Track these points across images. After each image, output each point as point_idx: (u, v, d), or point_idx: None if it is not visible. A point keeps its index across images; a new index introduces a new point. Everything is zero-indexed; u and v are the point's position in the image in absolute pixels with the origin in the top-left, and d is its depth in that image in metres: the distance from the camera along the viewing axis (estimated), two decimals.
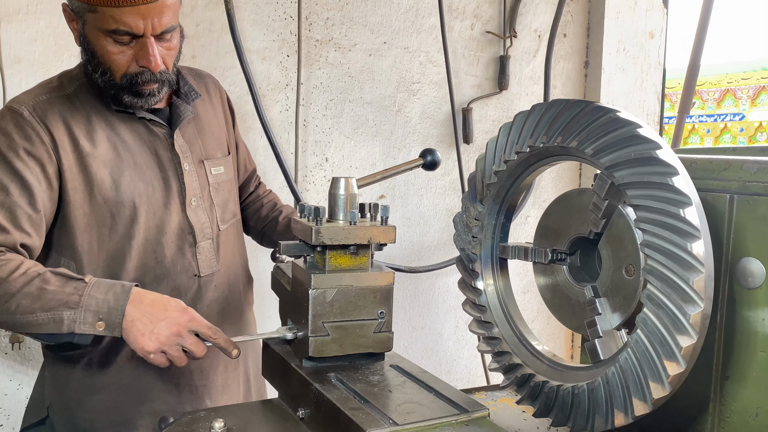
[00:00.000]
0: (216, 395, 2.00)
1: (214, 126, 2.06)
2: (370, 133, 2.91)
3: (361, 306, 1.47)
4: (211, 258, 1.96)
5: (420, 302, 3.20)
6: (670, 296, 1.12)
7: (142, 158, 1.84)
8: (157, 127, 1.88)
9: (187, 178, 1.90)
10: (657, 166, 1.15)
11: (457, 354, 3.35)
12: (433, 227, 3.18)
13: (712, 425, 1.38)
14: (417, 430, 1.18)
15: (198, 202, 1.93)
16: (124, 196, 1.79)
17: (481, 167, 1.56)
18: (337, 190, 1.51)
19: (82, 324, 1.55)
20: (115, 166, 1.79)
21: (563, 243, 1.45)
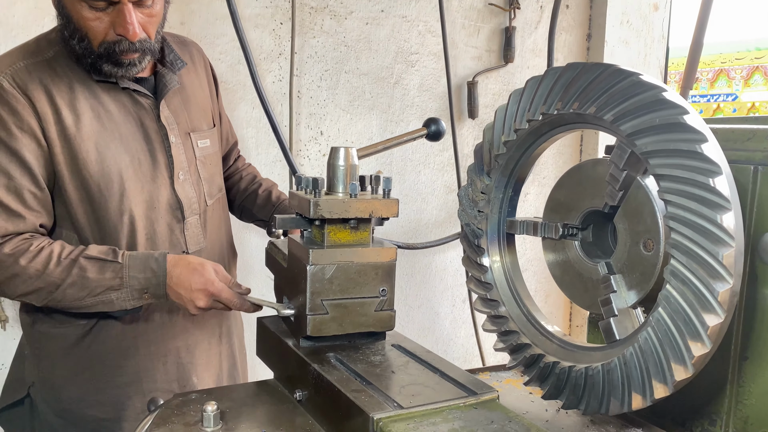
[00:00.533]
0: (202, 371, 1.95)
1: (200, 96, 1.96)
2: (366, 105, 2.80)
3: (362, 283, 1.39)
4: (198, 234, 1.89)
5: (417, 280, 3.13)
6: (697, 272, 1.04)
7: (127, 130, 1.74)
8: (142, 97, 1.78)
9: (174, 150, 1.82)
10: (684, 132, 1.06)
11: (454, 333, 3.29)
12: (431, 204, 3.10)
13: (729, 407, 1.32)
14: (423, 414, 1.11)
15: (185, 176, 1.84)
16: (111, 169, 1.70)
17: (489, 137, 1.47)
18: (337, 160, 1.42)
19: (131, 300, 1.65)
20: (101, 139, 1.69)
21: (575, 217, 1.38)
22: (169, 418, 1.28)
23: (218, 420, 1.24)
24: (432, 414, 1.11)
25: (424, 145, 3.03)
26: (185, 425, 1.25)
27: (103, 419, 1.81)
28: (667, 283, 1.09)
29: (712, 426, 1.35)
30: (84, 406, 1.80)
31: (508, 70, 3.15)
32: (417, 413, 1.11)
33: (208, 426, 1.23)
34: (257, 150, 2.59)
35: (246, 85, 2.53)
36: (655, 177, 1.12)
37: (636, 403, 1.14)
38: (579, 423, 1.33)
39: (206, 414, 1.23)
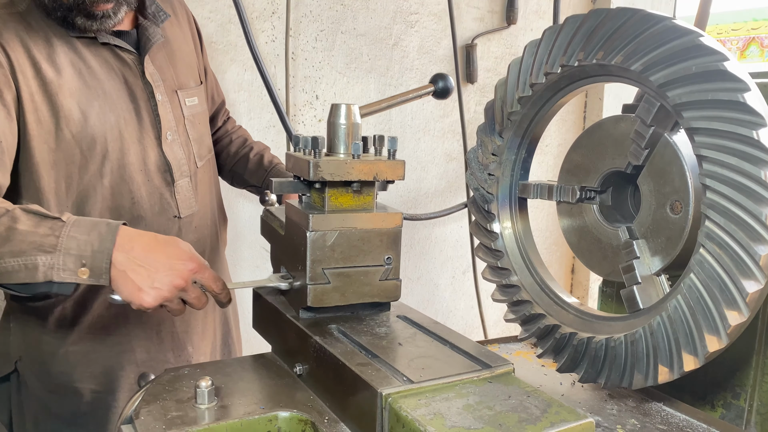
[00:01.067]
0: (197, 340, 1.87)
1: (185, 51, 1.84)
2: (364, 68, 2.68)
3: (366, 251, 1.30)
4: (189, 197, 1.78)
5: (416, 252, 3.05)
6: (736, 234, 0.96)
7: (110, 87, 1.63)
8: (124, 52, 1.66)
9: (161, 109, 1.71)
10: (724, 81, 0.97)
11: (454, 305, 3.22)
12: (431, 173, 3.00)
13: (755, 380, 1.26)
14: (435, 389, 1.03)
15: (174, 136, 1.74)
16: (94, 129, 1.59)
17: (501, 93, 1.37)
18: (338, 118, 1.31)
19: (62, 270, 1.29)
20: (83, 96, 1.58)
21: (594, 179, 1.30)
22: (160, 395, 1.19)
23: (213, 396, 1.16)
24: (444, 389, 1.03)
25: (423, 111, 2.92)
26: (177, 402, 1.17)
27: (96, 391, 1.73)
28: (701, 246, 1.01)
29: (736, 399, 1.28)
30: (75, 380, 1.72)
31: (510, 32, 3.03)
32: (428, 388, 1.02)
33: (202, 403, 1.15)
34: (249, 114, 2.47)
35: (237, 46, 2.40)
36: (688, 132, 1.03)
37: (662, 377, 1.07)
38: (596, 397, 1.26)
39: (200, 390, 1.15)
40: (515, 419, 0.94)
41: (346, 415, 1.11)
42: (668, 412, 1.20)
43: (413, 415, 0.94)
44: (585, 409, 1.20)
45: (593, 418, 1.16)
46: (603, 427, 1.13)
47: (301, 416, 1.14)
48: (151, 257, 1.31)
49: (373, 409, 1.01)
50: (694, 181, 1.08)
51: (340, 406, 1.13)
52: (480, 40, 2.96)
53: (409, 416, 0.94)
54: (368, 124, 2.75)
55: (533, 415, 0.95)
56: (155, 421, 1.09)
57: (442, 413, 0.95)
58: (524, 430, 0.91)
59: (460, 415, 0.94)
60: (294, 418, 1.14)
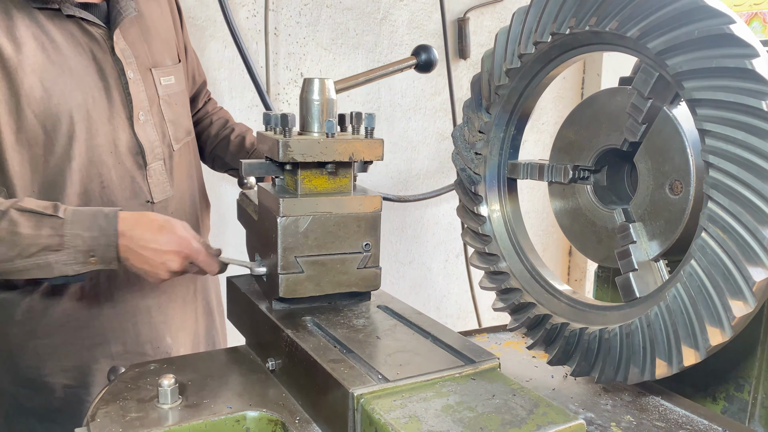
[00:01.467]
0: (177, 331, 1.79)
1: (161, 27, 1.74)
2: (350, 44, 2.56)
3: (342, 237, 1.21)
4: (164, 182, 1.69)
5: (408, 235, 2.96)
6: (742, 217, 0.88)
7: (77, 63, 1.53)
8: (92, 26, 1.56)
9: (132, 88, 1.61)
10: (730, 46, 0.87)
11: (447, 290, 3.14)
12: (422, 153, 2.89)
13: (759, 372, 1.19)
14: (413, 387, 0.95)
15: (147, 116, 1.64)
16: (59, 108, 1.49)
17: (488, 66, 1.28)
18: (311, 94, 1.22)
19: (73, 264, 1.37)
20: (46, 72, 1.48)
21: (588, 158, 1.22)
22: (121, 393, 1.11)
23: (176, 395, 1.08)
24: (423, 387, 0.95)
25: (414, 89, 2.81)
26: (139, 401, 1.09)
27: (69, 386, 1.66)
28: (703, 230, 0.92)
29: (739, 392, 1.21)
30: (46, 374, 1.65)
31: (504, 5, 2.90)
32: (405, 387, 0.94)
33: (164, 402, 1.07)
34: (231, 94, 2.37)
35: (217, 21, 2.28)
36: (690, 104, 0.94)
37: (660, 371, 1.00)
38: (589, 391, 1.18)
39: (162, 389, 1.07)
40: (498, 422, 0.86)
41: (318, 416, 1.03)
42: (667, 407, 1.12)
43: (386, 418, 0.86)
44: (577, 404, 1.12)
45: (585, 415, 1.09)
46: (596, 425, 1.05)
47: (271, 416, 1.06)
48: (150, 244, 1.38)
49: (345, 411, 0.93)
50: (695, 158, 1.00)
51: (312, 406, 1.05)
52: (473, 14, 2.84)
53: (381, 419, 0.86)
54: (355, 103, 2.65)
55: (518, 417, 0.87)
56: (112, 424, 1.01)
57: (419, 415, 0.87)
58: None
59: (438, 418, 0.86)
60: (263, 419, 1.06)
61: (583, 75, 3.25)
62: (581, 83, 3.24)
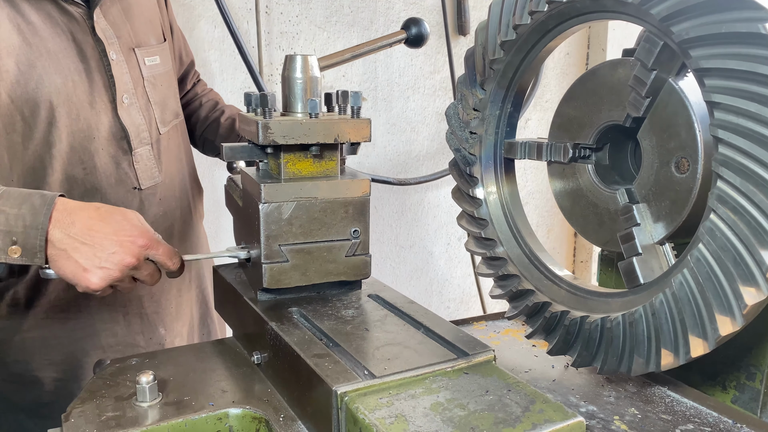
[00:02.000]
0: (170, 322, 1.74)
1: (144, 5, 1.67)
2: (345, 22, 2.48)
3: (329, 223, 1.15)
4: (151, 167, 1.63)
5: (408, 219, 2.89)
6: (754, 196, 0.81)
7: (56, 45, 1.46)
8: (71, 5, 1.49)
9: (115, 69, 1.54)
10: (741, 9, 0.80)
11: (449, 273, 3.08)
12: (422, 134, 2.82)
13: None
14: (401, 384, 0.89)
15: (131, 99, 1.58)
16: (37, 92, 1.42)
17: (482, 39, 1.20)
18: (293, 72, 1.15)
19: None
20: (23, 55, 1.39)
21: (589, 135, 1.15)
22: (98, 391, 1.07)
23: (155, 392, 1.03)
24: (412, 383, 0.89)
25: (412, 67, 2.72)
26: (116, 399, 1.04)
27: (59, 380, 1.62)
28: (712, 211, 0.86)
29: (751, 380, 1.14)
30: (34, 368, 1.60)
31: None
32: (392, 383, 0.89)
33: (143, 400, 1.02)
34: (222, 75, 2.29)
35: (205, 0, 2.21)
36: (697, 74, 0.86)
37: (666, 362, 0.94)
38: (591, 381, 1.12)
39: (140, 386, 1.02)
40: (491, 420, 0.80)
41: (303, 413, 0.98)
42: (673, 398, 1.06)
43: (371, 419, 0.80)
44: (579, 396, 1.06)
45: (587, 408, 1.03)
46: (598, 419, 0.99)
47: (255, 413, 1.01)
48: (96, 233, 1.16)
49: (329, 409, 0.87)
50: (703, 133, 0.93)
51: (297, 403, 0.99)
52: None
53: (366, 419, 0.81)
54: (351, 82, 2.57)
55: (513, 415, 0.81)
56: (87, 424, 0.97)
57: (406, 415, 0.81)
58: None
59: (426, 417, 0.81)
60: (247, 416, 1.01)
61: (587, 50, 3.15)
62: (586, 58, 3.14)
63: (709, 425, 0.98)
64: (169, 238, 1.70)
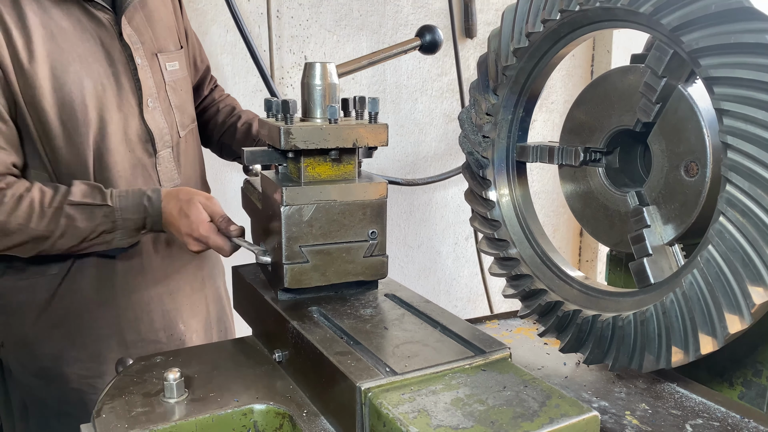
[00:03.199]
0: (188, 318, 1.79)
1: (162, 13, 1.71)
2: (354, 25, 2.51)
3: (348, 225, 1.18)
4: (171, 169, 1.68)
5: (416, 219, 2.93)
6: (762, 200, 0.85)
7: (85, 50, 1.49)
8: (99, 11, 1.52)
9: (141, 74, 1.59)
10: (749, 20, 0.83)
11: (457, 273, 3.12)
12: (429, 135, 2.85)
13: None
14: (422, 380, 0.92)
15: (155, 103, 1.63)
16: (72, 96, 1.46)
17: (495, 46, 1.23)
18: (312, 79, 1.19)
19: (128, 239, 1.53)
20: (57, 61, 1.44)
21: (599, 139, 1.18)
22: (126, 388, 1.10)
23: (182, 389, 1.07)
24: (432, 380, 0.93)
25: (420, 70, 2.76)
26: (144, 396, 1.07)
27: (83, 376, 1.66)
28: (721, 214, 0.89)
29: (758, 377, 1.18)
30: (62, 364, 1.64)
31: None
32: (413, 380, 0.92)
33: (170, 396, 1.05)
34: (234, 79, 2.33)
35: (218, 5, 2.24)
36: (706, 82, 0.90)
37: (676, 359, 0.97)
38: (603, 378, 1.16)
39: (168, 383, 1.05)
40: (509, 415, 0.83)
41: (326, 409, 1.01)
42: (682, 394, 1.10)
43: (395, 413, 0.84)
44: (591, 393, 1.10)
45: (599, 404, 1.06)
46: (610, 414, 1.03)
47: (279, 409, 1.05)
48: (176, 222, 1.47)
49: (353, 405, 0.91)
50: (712, 138, 0.97)
51: (320, 399, 1.03)
52: None
53: (390, 414, 0.84)
54: (360, 85, 2.60)
55: (530, 410, 0.85)
56: (118, 419, 1.00)
57: (428, 410, 0.85)
58: (519, 428, 0.81)
59: (447, 412, 0.84)
60: (271, 412, 1.05)
61: (592, 52, 3.18)
62: (591, 60, 3.18)
63: (718, 420, 1.02)
64: None
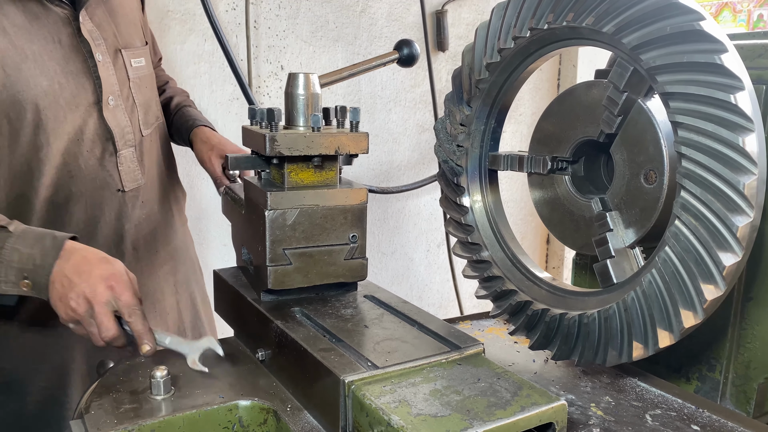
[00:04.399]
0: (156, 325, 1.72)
1: (127, 8, 1.67)
2: (330, 37, 2.58)
3: (329, 229, 1.23)
4: (134, 169, 1.63)
5: (390, 226, 2.99)
6: (713, 205, 0.92)
7: (41, 47, 1.43)
8: (56, 6, 1.46)
9: (102, 71, 1.53)
10: (701, 41, 0.92)
11: (429, 279, 3.19)
12: (403, 145, 2.92)
13: (730, 351, 1.24)
14: (401, 374, 0.98)
15: (116, 101, 1.56)
16: (23, 95, 1.40)
17: (469, 61, 1.30)
18: (295, 88, 1.24)
19: (3, 283, 1.25)
20: (7, 57, 1.37)
21: (565, 149, 1.25)
22: (113, 387, 1.13)
23: (169, 386, 1.10)
24: (411, 373, 0.98)
25: (394, 81, 2.83)
26: (131, 393, 1.10)
27: (46, 387, 1.58)
28: (677, 218, 0.97)
29: (711, 372, 1.26)
30: (22, 377, 1.57)
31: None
32: (394, 373, 0.98)
33: (157, 393, 1.09)
34: (212, 87, 2.37)
35: (195, 15, 2.28)
36: (663, 97, 0.98)
37: (637, 353, 1.04)
38: (570, 374, 1.22)
39: (155, 381, 1.09)
40: (484, 404, 0.89)
41: (309, 403, 1.06)
42: (643, 387, 1.17)
43: (377, 403, 0.89)
44: (558, 387, 1.17)
45: (566, 397, 1.13)
46: (576, 406, 1.10)
47: (263, 405, 1.09)
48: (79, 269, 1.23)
49: (336, 397, 0.95)
50: (669, 149, 1.04)
51: (304, 394, 1.07)
52: (451, 6, 2.86)
53: (372, 404, 0.89)
54: (336, 95, 2.66)
55: (503, 399, 0.91)
56: (107, 415, 1.03)
57: (408, 400, 0.90)
58: (493, 415, 0.86)
59: (426, 402, 0.90)
60: (255, 407, 1.09)
61: (559, 66, 3.30)
62: (557, 74, 3.29)
63: (675, 410, 1.09)
64: (153, 243, 1.73)
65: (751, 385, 1.21)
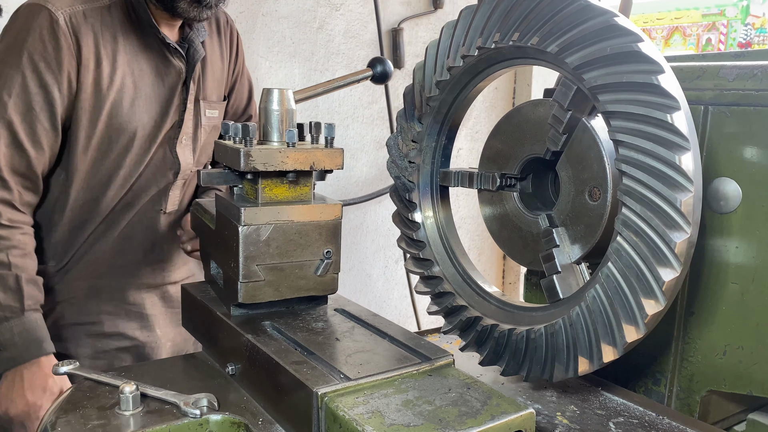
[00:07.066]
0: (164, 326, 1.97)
1: (217, 67, 1.93)
2: (287, 52, 2.61)
3: (304, 245, 1.25)
4: (176, 197, 1.90)
5: (347, 242, 3.03)
6: (652, 221, 0.96)
7: (153, 91, 1.75)
8: (177, 59, 1.77)
9: (186, 115, 1.81)
10: (638, 63, 0.96)
11: (387, 295, 3.23)
12: (361, 161, 2.98)
13: (674, 365, 1.28)
14: (374, 385, 1.01)
15: (188, 141, 1.86)
16: (127, 125, 1.71)
17: (419, 78, 1.33)
18: (270, 104, 1.26)
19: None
20: (127, 95, 1.69)
21: (514, 166, 1.26)
22: (80, 402, 1.13)
23: (138, 402, 1.11)
24: (383, 384, 1.01)
25: (351, 97, 2.89)
26: (99, 409, 1.11)
27: None
28: (618, 234, 0.99)
29: (656, 385, 1.30)
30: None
31: (437, 16, 3.03)
32: (366, 385, 1.01)
33: (126, 409, 1.09)
34: None
35: None
36: (604, 115, 1.01)
37: (582, 368, 1.05)
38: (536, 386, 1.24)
39: (123, 396, 1.09)
40: (455, 413, 0.92)
41: (281, 416, 1.08)
42: (606, 396, 1.20)
43: (350, 415, 0.92)
44: (525, 397, 1.19)
45: (533, 406, 1.15)
46: (543, 415, 1.12)
47: (234, 419, 1.11)
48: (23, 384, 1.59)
49: (309, 410, 0.98)
50: (611, 166, 1.06)
51: (275, 407, 1.10)
52: (407, 25, 2.94)
53: (346, 416, 0.92)
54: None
55: (474, 408, 0.94)
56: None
57: (381, 411, 0.93)
58: (465, 424, 0.90)
59: (399, 412, 0.92)
60: (226, 421, 1.11)
61: (514, 85, 3.42)
62: (513, 93, 3.41)
63: (637, 418, 1.13)
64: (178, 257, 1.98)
65: (694, 398, 1.24)
